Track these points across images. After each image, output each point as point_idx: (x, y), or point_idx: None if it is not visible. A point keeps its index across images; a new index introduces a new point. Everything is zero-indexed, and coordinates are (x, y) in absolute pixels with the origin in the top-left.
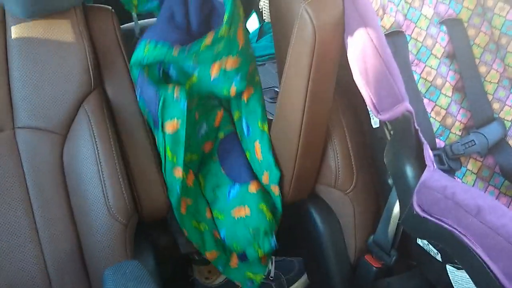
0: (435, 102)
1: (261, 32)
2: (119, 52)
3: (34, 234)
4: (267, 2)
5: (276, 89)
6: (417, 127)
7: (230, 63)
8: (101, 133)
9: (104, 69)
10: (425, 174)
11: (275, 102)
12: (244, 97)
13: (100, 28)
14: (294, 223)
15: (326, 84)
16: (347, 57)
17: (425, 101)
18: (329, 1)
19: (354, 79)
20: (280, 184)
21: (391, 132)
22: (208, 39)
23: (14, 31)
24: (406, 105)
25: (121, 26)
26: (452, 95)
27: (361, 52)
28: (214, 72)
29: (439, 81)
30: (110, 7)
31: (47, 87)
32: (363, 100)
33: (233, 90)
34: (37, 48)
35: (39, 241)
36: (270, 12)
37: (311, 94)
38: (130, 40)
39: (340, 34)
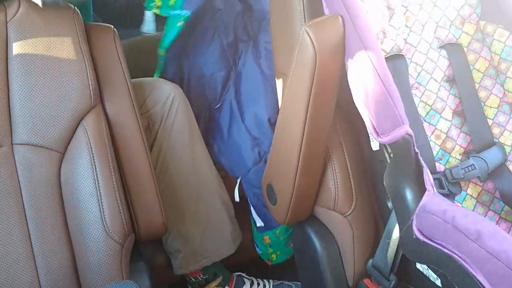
0: (435, 125)
1: None
2: (120, 69)
3: (28, 250)
4: None
5: None
6: (417, 150)
7: None
8: (100, 151)
9: (104, 86)
10: (425, 198)
11: None
12: None
13: (101, 46)
14: (293, 245)
15: (326, 106)
16: (347, 79)
17: (425, 124)
18: (330, 24)
19: (354, 101)
20: (279, 205)
21: (391, 155)
22: None
23: (16, 48)
24: (406, 128)
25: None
26: (452, 119)
27: (362, 75)
28: None
29: (439, 105)
30: (111, 26)
31: (46, 104)
32: (363, 122)
33: None
34: (38, 65)
35: (33, 257)
36: (270, 27)
37: (311, 115)
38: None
39: (341, 56)
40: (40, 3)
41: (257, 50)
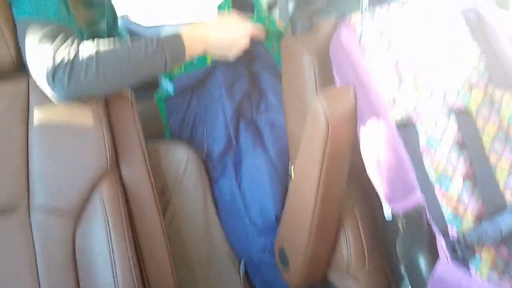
0: (446, 190)
1: None
2: (136, 135)
3: None
4: None
5: None
6: (429, 217)
7: None
8: (114, 216)
9: (120, 152)
10: (439, 267)
11: None
12: None
13: (119, 114)
14: None
15: (339, 172)
16: (359, 146)
17: (436, 188)
18: (342, 94)
19: (367, 169)
20: (291, 269)
21: (403, 223)
22: None
23: (36, 114)
24: (418, 197)
25: None
26: (463, 183)
27: (373, 143)
28: None
29: (449, 169)
30: (129, 91)
31: (64, 170)
32: (375, 189)
33: None
34: (57, 132)
35: None
36: (283, 92)
37: (324, 182)
38: None
39: (353, 125)
40: None
41: (259, 130)
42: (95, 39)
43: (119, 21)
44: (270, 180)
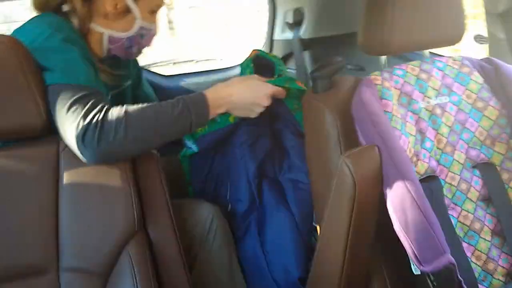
0: (475, 246)
1: None
2: (162, 195)
3: None
4: None
5: None
6: (460, 278)
7: None
8: (142, 275)
9: (147, 211)
10: None
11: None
12: None
13: (145, 172)
14: None
15: (366, 231)
16: (385, 204)
17: (464, 245)
18: (367, 154)
19: (394, 229)
20: None
21: (434, 283)
22: None
23: (66, 176)
24: (449, 257)
25: None
26: (491, 239)
27: (400, 203)
28: None
29: (477, 225)
30: (155, 152)
31: (93, 231)
32: (402, 246)
33: None
34: (86, 193)
35: None
36: (306, 152)
37: (352, 242)
38: None
39: (379, 185)
40: None
41: (282, 188)
42: (124, 105)
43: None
44: (293, 241)
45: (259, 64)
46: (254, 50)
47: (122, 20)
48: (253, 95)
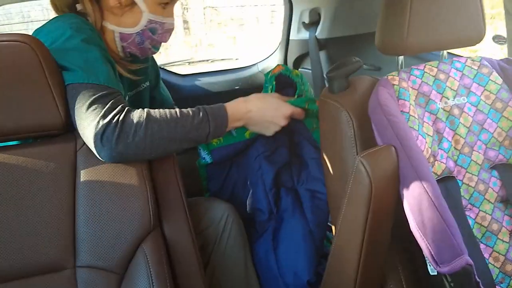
0: (493, 247)
1: None
2: (178, 193)
3: None
4: None
5: None
6: (478, 279)
7: None
8: (158, 273)
9: (163, 209)
10: None
11: None
12: None
13: (161, 170)
14: None
15: (382, 231)
16: (402, 205)
17: (482, 246)
18: (384, 154)
19: (411, 229)
20: None
21: (451, 285)
22: None
23: (83, 175)
24: (466, 259)
25: None
26: (509, 241)
27: (417, 204)
28: None
29: (495, 226)
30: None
31: (109, 229)
32: (419, 247)
33: None
34: (103, 191)
35: None
36: (322, 153)
37: (368, 241)
38: None
39: (395, 185)
40: None
41: (300, 197)
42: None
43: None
44: (305, 247)
45: (282, 80)
46: (279, 65)
47: (129, 15)
48: (272, 114)
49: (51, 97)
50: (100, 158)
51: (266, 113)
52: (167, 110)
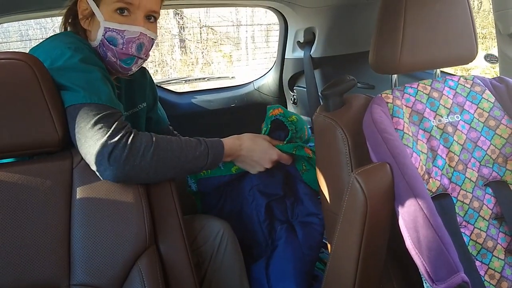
0: (488, 265)
1: None
2: (174, 211)
3: None
4: None
5: None
6: None
7: None
8: None
9: (159, 226)
10: None
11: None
12: None
13: (157, 187)
14: None
15: (378, 247)
16: (397, 222)
17: (477, 263)
18: (378, 171)
19: (406, 246)
20: None
21: None
22: None
23: (79, 193)
24: (462, 276)
25: None
26: (505, 258)
27: (412, 221)
28: None
29: (490, 244)
30: None
31: (105, 246)
32: (414, 263)
33: None
34: (99, 208)
35: None
36: (317, 170)
37: (364, 257)
38: None
39: (391, 201)
40: None
41: (294, 228)
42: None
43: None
44: (296, 269)
45: (278, 121)
46: (279, 108)
47: (93, 27)
48: (259, 156)
49: (48, 115)
50: (100, 177)
51: (255, 154)
52: (172, 138)
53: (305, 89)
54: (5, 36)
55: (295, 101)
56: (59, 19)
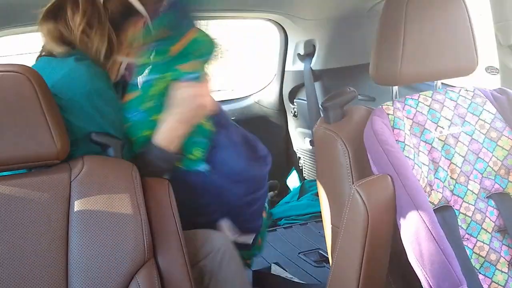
0: (491, 278)
1: (302, 190)
2: (173, 223)
3: None
4: (307, 159)
5: (320, 251)
6: None
7: None
8: None
9: (157, 240)
10: None
11: (320, 266)
12: None
13: (156, 200)
14: None
15: (380, 259)
16: (399, 234)
17: (481, 277)
18: (380, 183)
19: (409, 259)
20: None
21: None
22: None
23: (77, 205)
24: None
25: None
26: (508, 271)
27: (415, 234)
28: None
29: (493, 257)
30: (167, 179)
31: (102, 260)
32: (417, 275)
33: None
34: (97, 221)
35: None
36: (318, 183)
37: (365, 269)
38: None
39: (392, 213)
40: None
41: None
42: None
43: None
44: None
45: None
46: None
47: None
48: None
49: (46, 128)
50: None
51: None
52: None
53: (306, 102)
54: (4, 49)
55: (296, 113)
56: None
